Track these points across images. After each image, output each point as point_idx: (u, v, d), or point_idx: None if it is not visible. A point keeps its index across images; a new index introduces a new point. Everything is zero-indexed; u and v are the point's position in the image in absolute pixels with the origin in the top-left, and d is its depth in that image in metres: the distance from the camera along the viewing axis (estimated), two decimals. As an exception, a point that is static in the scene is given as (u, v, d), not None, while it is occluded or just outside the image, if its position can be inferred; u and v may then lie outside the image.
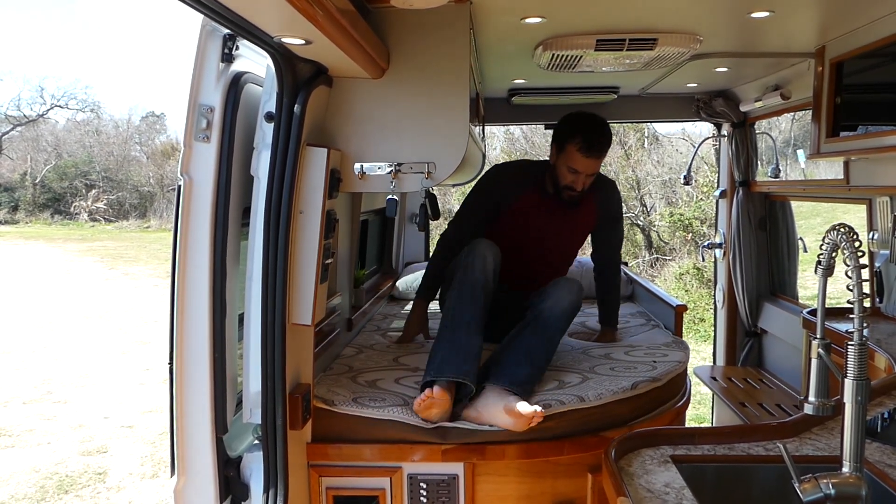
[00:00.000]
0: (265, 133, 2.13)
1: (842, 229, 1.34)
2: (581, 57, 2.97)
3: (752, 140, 4.53)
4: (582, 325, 3.66)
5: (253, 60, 2.20)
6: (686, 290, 10.85)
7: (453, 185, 12.73)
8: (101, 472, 4.82)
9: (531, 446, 2.32)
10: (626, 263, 4.73)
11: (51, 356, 8.09)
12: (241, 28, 1.70)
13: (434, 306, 3.28)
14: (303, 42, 1.84)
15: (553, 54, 2.91)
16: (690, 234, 12.77)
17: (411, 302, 4.54)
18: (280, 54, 1.98)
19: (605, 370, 2.77)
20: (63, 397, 6.52)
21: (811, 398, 1.44)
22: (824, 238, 1.38)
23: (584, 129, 2.84)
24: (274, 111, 2.09)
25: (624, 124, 14.09)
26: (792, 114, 4.04)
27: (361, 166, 2.31)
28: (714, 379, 4.46)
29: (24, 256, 17.22)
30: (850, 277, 1.31)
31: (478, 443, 2.32)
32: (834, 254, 1.40)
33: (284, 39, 1.84)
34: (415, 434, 2.34)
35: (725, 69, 3.65)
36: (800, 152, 4.15)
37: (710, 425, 5.05)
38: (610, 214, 3.21)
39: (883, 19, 2.55)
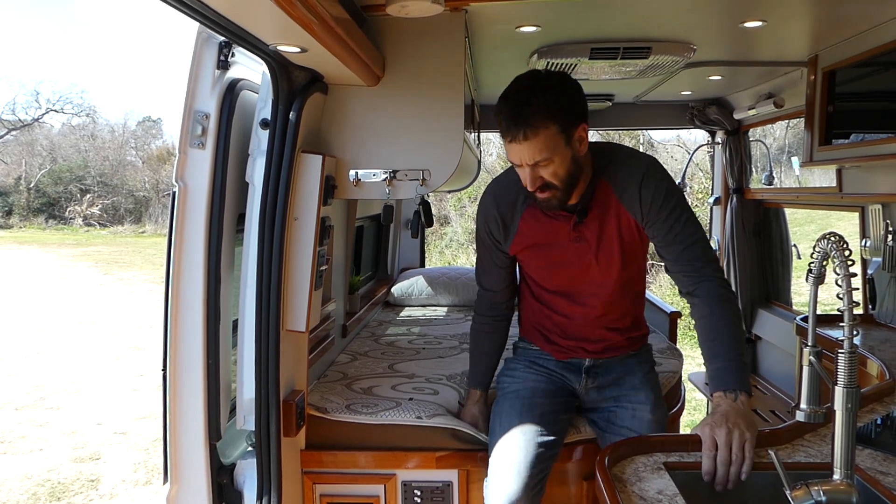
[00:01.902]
0: (260, 140, 2.13)
1: (832, 238, 1.35)
2: (576, 65, 2.98)
3: (746, 147, 4.55)
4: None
5: (248, 67, 2.21)
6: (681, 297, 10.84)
7: (448, 192, 12.76)
8: (93, 478, 4.80)
9: (525, 453, 2.32)
10: None
11: (44, 362, 8.05)
12: (237, 36, 1.71)
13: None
14: (298, 50, 1.85)
15: (548, 62, 2.92)
16: (685, 241, 12.74)
17: (406, 308, 4.57)
18: (276, 62, 1.98)
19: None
20: (56, 403, 6.49)
21: (803, 405, 1.45)
22: (815, 247, 1.40)
23: (502, 105, 1.91)
24: (269, 118, 2.10)
25: (619, 131, 14.14)
26: (787, 121, 4.07)
27: (356, 173, 2.32)
28: (708, 385, 4.47)
29: (18, 261, 17.15)
30: (840, 286, 1.32)
31: (472, 450, 2.32)
32: (825, 262, 1.41)
33: (280, 47, 1.84)
34: (409, 440, 2.34)
35: (719, 77, 3.67)
36: (794, 159, 4.18)
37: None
38: (649, 208, 1.96)
39: (874, 29, 2.57)
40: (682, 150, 14.40)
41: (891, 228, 3.08)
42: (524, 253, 2.16)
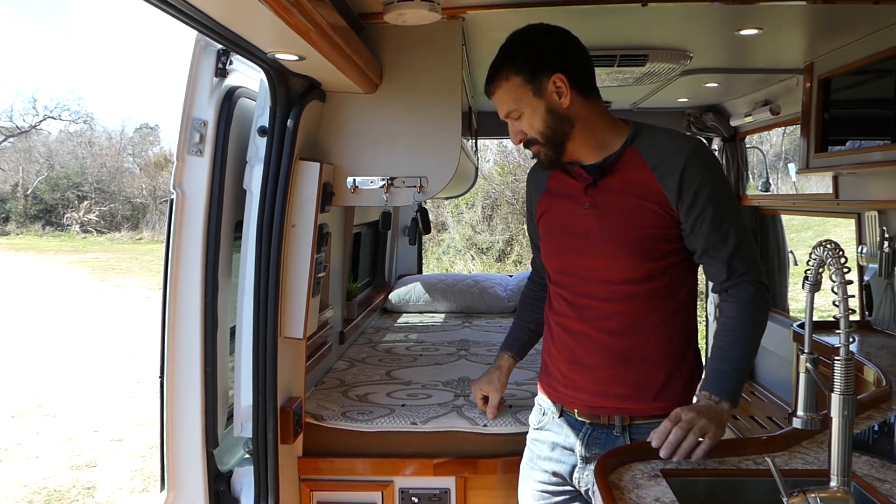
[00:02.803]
0: (258, 147, 2.14)
1: (828, 245, 1.36)
2: (572, 72, 2.99)
3: (743, 154, 4.57)
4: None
5: (246, 75, 2.22)
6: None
7: (446, 199, 12.77)
8: (89, 486, 4.78)
9: (523, 460, 2.32)
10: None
11: (40, 369, 8.02)
12: (234, 44, 1.72)
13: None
14: (296, 58, 1.85)
15: (545, 69, 2.93)
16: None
17: (404, 314, 4.57)
18: (273, 70, 1.99)
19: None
20: (52, 410, 6.47)
21: (800, 412, 1.45)
22: (811, 254, 1.40)
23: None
24: (267, 125, 2.10)
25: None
26: (783, 127, 4.08)
27: (354, 180, 2.32)
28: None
29: (15, 268, 17.11)
30: (836, 293, 1.33)
31: (470, 456, 2.32)
32: (821, 269, 1.41)
33: (278, 55, 1.85)
34: (405, 446, 2.34)
35: (716, 84, 3.69)
36: (791, 165, 4.19)
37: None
38: (694, 193, 1.66)
39: (869, 37, 2.59)
40: (679, 156, 14.41)
41: (887, 235, 3.09)
42: (544, 222, 1.91)
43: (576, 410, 1.85)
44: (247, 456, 2.29)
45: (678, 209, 1.69)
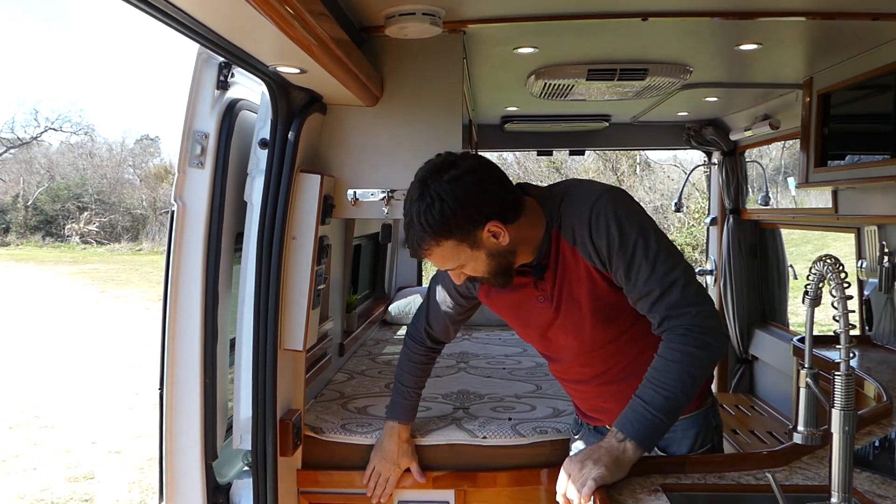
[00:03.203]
0: (259, 159, 2.14)
1: (828, 260, 1.36)
2: (573, 86, 3.00)
3: (742, 168, 4.57)
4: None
5: (248, 87, 2.23)
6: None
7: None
8: (87, 498, 4.75)
9: (522, 473, 2.31)
10: None
11: (39, 380, 8.00)
12: (236, 57, 1.73)
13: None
14: (297, 71, 1.86)
15: (545, 83, 2.95)
16: (682, 261, 12.82)
17: (403, 326, 4.56)
18: (275, 82, 2.00)
19: (597, 397, 2.77)
20: (50, 422, 6.45)
21: (800, 427, 1.45)
22: (811, 269, 1.40)
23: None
24: (268, 138, 2.11)
25: (616, 151, 14.24)
26: (782, 142, 4.09)
27: (355, 193, 2.33)
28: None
29: (15, 279, 17.11)
30: (836, 308, 1.33)
31: (469, 469, 2.31)
32: (821, 284, 1.41)
33: (279, 68, 1.86)
34: None
35: (715, 99, 3.70)
36: (790, 180, 4.19)
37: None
38: (607, 255, 1.67)
39: (868, 53, 2.60)
40: (679, 170, 14.48)
41: (886, 250, 3.09)
42: (497, 306, 1.95)
43: (606, 425, 1.90)
44: (246, 468, 2.28)
45: (607, 270, 1.70)
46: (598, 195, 1.69)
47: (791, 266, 4.59)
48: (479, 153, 4.74)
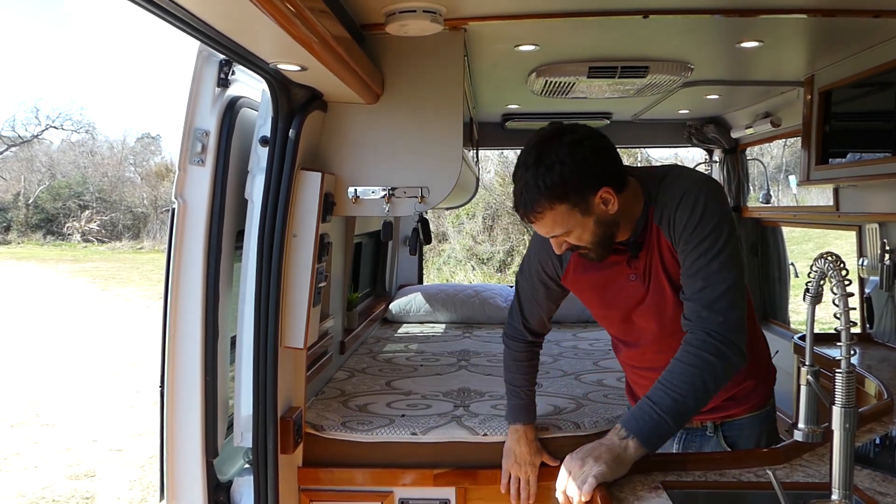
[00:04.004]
0: (260, 157, 2.14)
1: (829, 258, 1.36)
2: (574, 83, 3.00)
3: (744, 166, 4.57)
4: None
5: (248, 85, 2.23)
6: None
7: (447, 209, 12.78)
8: (88, 496, 4.76)
9: (523, 471, 2.31)
10: None
11: (40, 378, 8.00)
12: (237, 54, 1.73)
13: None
14: (298, 68, 1.86)
15: (546, 81, 2.94)
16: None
17: (404, 324, 4.56)
18: (276, 80, 2.00)
19: (599, 397, 2.77)
20: (51, 420, 6.45)
21: (801, 425, 1.45)
22: (812, 266, 1.40)
23: (514, 177, 1.73)
24: (269, 135, 2.11)
25: (618, 149, 14.20)
26: (784, 139, 4.09)
27: (355, 190, 2.33)
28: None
29: (16, 277, 17.11)
30: (837, 306, 1.33)
31: (470, 467, 2.31)
32: (822, 282, 1.41)
33: (280, 66, 1.86)
34: (405, 456, 2.33)
35: (716, 96, 3.70)
36: (791, 178, 4.20)
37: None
38: (680, 233, 1.71)
39: (869, 50, 2.60)
40: (680, 168, 14.45)
41: (887, 247, 3.09)
42: (583, 290, 1.95)
43: None
44: (246, 466, 2.28)
45: (675, 248, 1.73)
46: (696, 180, 1.74)
47: (792, 264, 4.59)
48: (480, 151, 4.75)
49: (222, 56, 2.05)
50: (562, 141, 1.65)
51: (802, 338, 3.35)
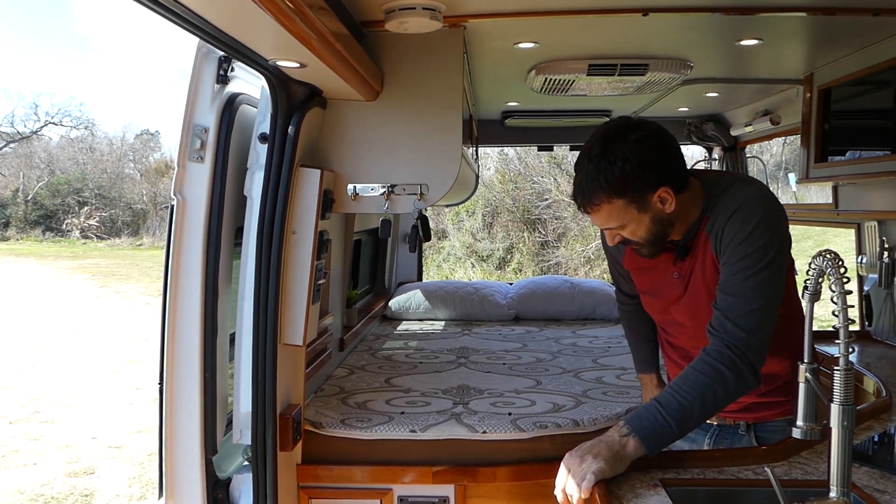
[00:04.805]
0: (259, 154, 2.14)
1: (827, 255, 1.36)
2: (573, 81, 3.00)
3: (743, 163, 4.57)
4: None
5: (248, 82, 2.23)
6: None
7: (446, 206, 12.78)
8: (87, 493, 4.76)
9: (522, 468, 2.32)
10: None
11: (39, 375, 8.00)
12: (236, 51, 1.72)
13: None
14: (297, 65, 1.86)
15: (546, 78, 2.94)
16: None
17: (404, 322, 4.57)
18: (275, 77, 2.00)
19: (598, 394, 2.77)
20: (50, 417, 6.45)
21: (799, 422, 1.45)
22: (810, 264, 1.40)
23: (576, 167, 1.76)
24: (268, 132, 2.11)
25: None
26: (783, 138, 4.09)
27: (354, 187, 2.33)
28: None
29: (15, 274, 17.09)
30: (835, 303, 1.33)
31: (469, 464, 2.31)
32: (820, 279, 1.41)
33: (279, 62, 1.86)
34: (404, 453, 2.33)
35: (716, 94, 3.70)
36: (791, 175, 4.20)
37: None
38: (726, 247, 1.71)
39: (868, 48, 2.60)
40: (680, 165, 14.44)
41: (886, 245, 3.09)
42: (634, 275, 2.02)
43: None
44: (246, 463, 2.28)
45: (719, 258, 1.74)
46: (754, 197, 1.71)
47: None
48: (480, 148, 4.74)
49: (221, 53, 2.05)
50: (628, 137, 1.66)
51: (801, 336, 3.35)
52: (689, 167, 1.78)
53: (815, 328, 1.49)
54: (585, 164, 1.69)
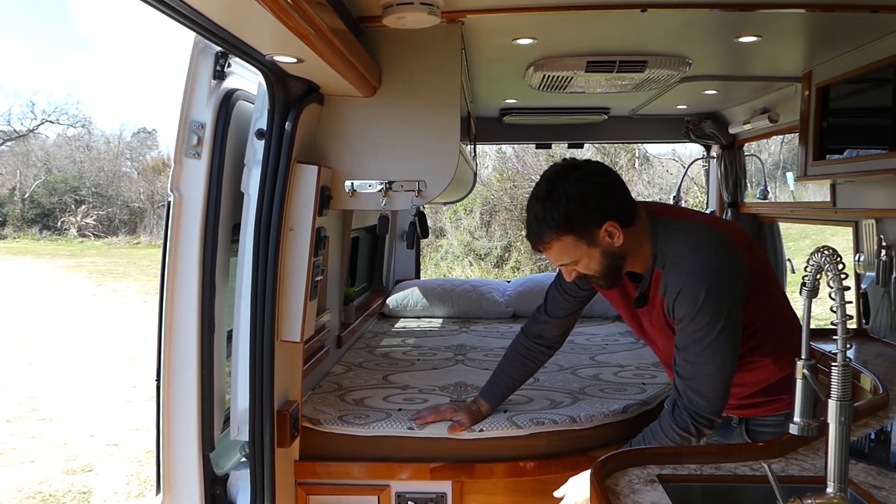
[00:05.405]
0: (256, 150, 2.14)
1: (826, 252, 1.36)
2: (572, 78, 3.00)
3: (741, 162, 4.57)
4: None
5: (245, 78, 2.22)
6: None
7: (444, 204, 12.77)
8: (85, 490, 4.75)
9: (519, 465, 2.32)
10: None
11: (36, 373, 7.99)
12: (233, 46, 1.72)
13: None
14: (295, 60, 1.85)
15: (544, 75, 2.94)
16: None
17: (401, 319, 4.57)
18: (272, 72, 1.99)
19: (596, 391, 2.77)
20: (48, 415, 6.44)
21: (796, 418, 1.45)
22: (809, 260, 1.40)
23: (526, 208, 1.90)
24: (265, 128, 2.11)
25: (615, 144, 14.22)
26: (781, 137, 4.08)
27: (352, 184, 2.32)
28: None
29: (12, 272, 17.06)
30: (833, 300, 1.33)
31: (466, 461, 2.31)
32: (819, 276, 1.41)
33: (276, 58, 1.85)
34: (402, 450, 2.33)
35: (714, 92, 3.70)
36: (789, 175, 4.20)
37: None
38: (673, 313, 1.84)
39: (867, 46, 2.59)
40: (678, 164, 14.47)
41: (884, 243, 3.09)
42: (604, 293, 2.11)
43: None
44: (243, 459, 2.28)
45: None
46: (698, 277, 1.78)
47: (789, 260, 4.59)
48: (478, 147, 4.74)
49: (218, 48, 2.04)
50: (569, 177, 1.79)
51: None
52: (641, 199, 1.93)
53: (811, 326, 1.49)
54: (534, 205, 1.82)
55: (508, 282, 5.09)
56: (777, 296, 1.99)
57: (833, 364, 1.35)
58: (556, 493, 1.91)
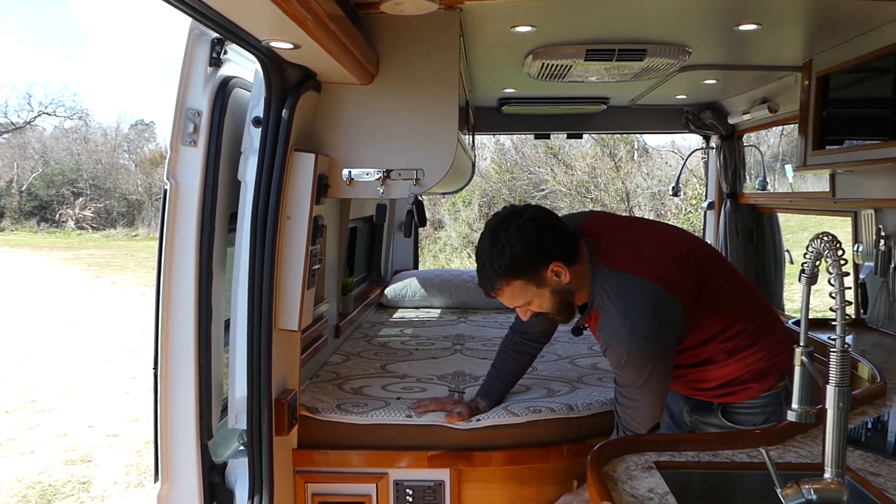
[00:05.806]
0: (253, 138, 2.12)
1: (825, 238, 1.35)
2: (571, 66, 2.98)
3: (740, 152, 4.56)
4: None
5: (241, 65, 2.21)
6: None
7: (443, 195, 12.75)
8: (84, 481, 4.76)
9: (517, 453, 2.32)
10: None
11: (36, 365, 7.99)
12: (229, 32, 1.71)
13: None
14: (291, 46, 1.84)
15: (543, 63, 2.92)
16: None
17: (399, 309, 4.56)
18: (268, 59, 1.98)
19: (594, 380, 2.77)
20: (47, 406, 6.44)
21: (794, 406, 1.45)
22: (808, 246, 1.39)
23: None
24: (262, 116, 2.09)
25: (614, 135, 14.20)
26: (780, 129, 4.07)
27: (349, 172, 2.32)
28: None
29: (10, 265, 17.04)
30: (833, 285, 1.32)
31: (464, 449, 2.31)
32: (818, 262, 1.41)
33: (273, 44, 1.84)
34: (400, 438, 2.33)
35: (714, 81, 3.69)
36: (787, 167, 4.19)
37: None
38: (604, 350, 2.00)
39: (867, 35, 2.58)
40: (676, 155, 14.46)
41: (883, 233, 3.09)
42: None
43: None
44: (241, 448, 2.28)
45: None
46: (624, 335, 1.88)
47: (788, 251, 4.59)
48: (476, 138, 4.73)
49: (214, 35, 2.02)
50: (510, 226, 1.89)
51: (797, 323, 3.35)
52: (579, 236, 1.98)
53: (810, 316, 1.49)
54: (482, 255, 1.93)
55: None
56: (733, 306, 2.03)
57: (832, 350, 1.34)
58: None
